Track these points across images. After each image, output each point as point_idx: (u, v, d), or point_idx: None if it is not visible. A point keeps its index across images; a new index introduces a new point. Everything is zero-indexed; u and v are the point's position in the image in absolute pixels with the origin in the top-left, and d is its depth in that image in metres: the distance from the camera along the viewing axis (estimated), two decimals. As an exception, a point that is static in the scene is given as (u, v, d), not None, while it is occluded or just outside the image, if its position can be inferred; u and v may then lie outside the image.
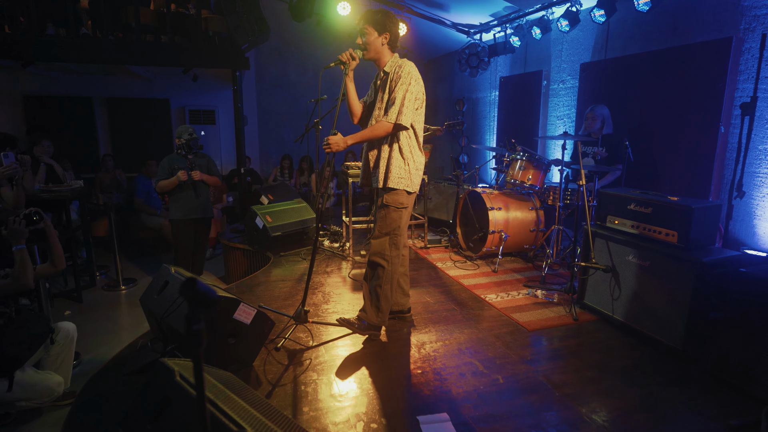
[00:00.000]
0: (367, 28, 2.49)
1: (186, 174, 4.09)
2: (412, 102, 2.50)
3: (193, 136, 4.21)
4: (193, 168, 4.12)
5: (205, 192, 4.32)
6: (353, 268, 4.11)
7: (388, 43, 2.52)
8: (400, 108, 2.46)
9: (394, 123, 2.47)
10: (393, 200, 2.55)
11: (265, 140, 8.88)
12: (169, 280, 2.51)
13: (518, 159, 4.09)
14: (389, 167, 2.55)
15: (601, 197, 3.05)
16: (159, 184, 4.14)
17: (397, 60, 2.56)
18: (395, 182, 2.54)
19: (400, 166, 2.55)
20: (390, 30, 2.50)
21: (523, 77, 6.28)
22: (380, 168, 2.57)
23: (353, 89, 2.63)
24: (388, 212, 2.56)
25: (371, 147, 2.66)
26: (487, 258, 4.35)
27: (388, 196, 2.55)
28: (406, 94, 2.46)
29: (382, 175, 2.57)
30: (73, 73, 7.28)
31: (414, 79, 2.49)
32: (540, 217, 4.21)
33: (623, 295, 2.86)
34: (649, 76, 4.38)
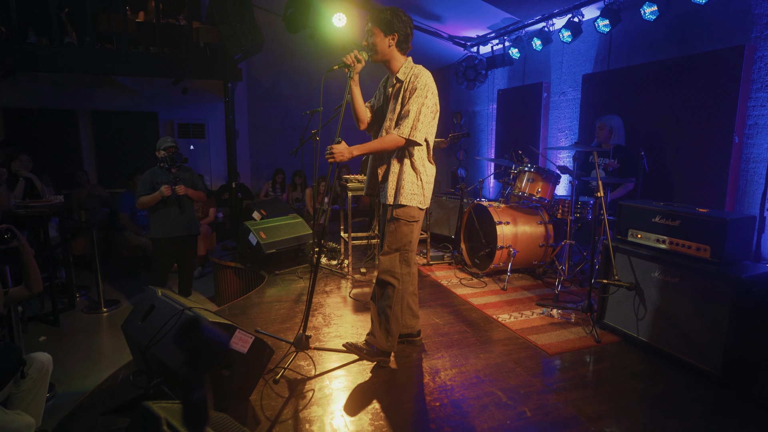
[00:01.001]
0: (374, 29, 2.31)
1: (170, 189, 3.83)
2: (428, 116, 2.31)
3: (176, 148, 3.96)
4: (177, 182, 3.87)
5: (189, 208, 4.08)
6: (354, 287, 3.87)
7: (396, 45, 2.33)
8: (414, 123, 2.27)
9: (407, 138, 2.28)
10: (404, 214, 2.34)
11: (257, 155, 8.65)
12: (156, 303, 2.25)
13: (526, 171, 3.92)
14: (401, 182, 2.34)
15: (622, 210, 2.87)
16: (140, 200, 3.86)
17: (411, 67, 2.36)
18: (408, 199, 2.34)
19: (413, 181, 2.35)
20: (398, 30, 2.30)
21: (521, 90, 6.18)
22: (390, 183, 2.37)
23: (359, 94, 2.43)
24: (399, 226, 2.35)
25: (380, 159, 2.46)
26: (495, 275, 4.14)
27: (399, 209, 2.34)
28: (422, 108, 2.28)
29: (392, 190, 2.36)
30: (58, 86, 7.02)
31: (431, 91, 2.31)
32: (549, 231, 4.02)
33: (649, 314, 2.66)
34: (655, 86, 4.28)
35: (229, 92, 5.65)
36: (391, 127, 2.34)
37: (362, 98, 2.48)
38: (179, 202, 3.94)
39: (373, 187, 2.54)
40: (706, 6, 3.72)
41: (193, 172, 4.17)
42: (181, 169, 4.02)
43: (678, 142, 4.07)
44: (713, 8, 3.78)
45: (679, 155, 4.06)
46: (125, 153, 7.58)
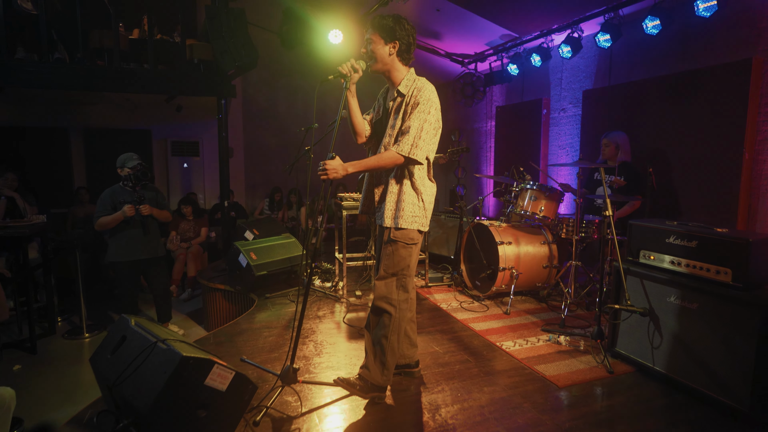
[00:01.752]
0: (373, 36, 2.15)
1: (133, 209, 3.62)
2: (430, 133, 2.14)
3: (141, 165, 3.75)
4: (141, 202, 3.66)
5: (154, 229, 3.86)
6: (348, 311, 3.66)
7: (397, 54, 2.16)
8: (415, 140, 2.09)
9: (407, 156, 2.10)
10: (402, 235, 2.16)
11: (252, 173, 8.51)
12: (128, 335, 2.05)
13: (528, 189, 3.76)
14: (401, 204, 2.16)
15: (633, 229, 2.69)
16: (99, 221, 3.63)
17: (414, 79, 2.20)
18: (409, 222, 2.16)
19: (414, 202, 2.17)
20: (400, 38, 2.13)
21: (520, 106, 6.08)
22: (388, 204, 2.19)
23: (356, 105, 2.26)
24: (396, 249, 2.16)
25: (377, 177, 2.29)
26: (497, 298, 3.94)
27: (398, 231, 2.16)
28: (424, 125, 2.10)
29: (391, 212, 2.18)
30: (49, 103, 6.90)
31: (435, 107, 2.14)
32: (553, 251, 3.84)
33: (666, 343, 2.46)
34: (659, 101, 4.17)
35: (223, 109, 5.53)
36: (390, 144, 2.17)
37: (360, 110, 2.32)
38: (143, 223, 3.73)
39: (368, 205, 2.36)
40: (709, 20, 3.63)
41: (158, 191, 3.99)
42: (145, 187, 3.83)
43: (685, 159, 3.93)
44: (717, 22, 3.69)
45: (687, 172, 3.92)
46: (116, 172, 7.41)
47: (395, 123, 2.18)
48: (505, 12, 4.82)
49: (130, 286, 3.84)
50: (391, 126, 2.20)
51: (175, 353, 1.77)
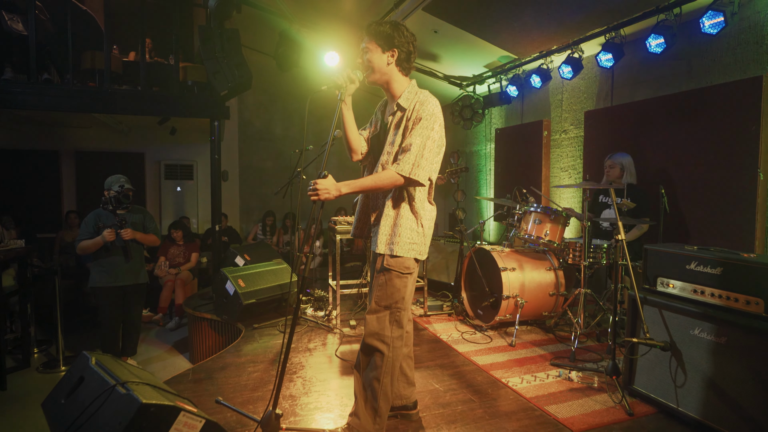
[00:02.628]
0: (369, 44, 1.97)
1: (113, 233, 3.44)
2: (433, 151, 1.94)
3: (125, 188, 3.59)
4: (123, 225, 3.48)
5: (138, 254, 3.69)
6: (341, 343, 3.40)
7: (396, 64, 1.98)
8: (417, 159, 1.87)
9: (407, 177, 1.88)
10: (397, 264, 1.94)
11: (247, 197, 8.34)
12: (86, 375, 1.81)
13: (532, 212, 3.57)
14: (397, 229, 1.95)
15: (649, 255, 2.48)
16: (80, 246, 3.46)
17: (416, 92, 2.00)
18: (405, 249, 1.94)
19: (412, 227, 1.96)
20: (399, 46, 1.95)
21: (520, 128, 5.96)
22: (383, 228, 1.97)
23: (351, 119, 2.07)
24: (390, 279, 1.94)
25: (373, 198, 2.08)
26: (500, 328, 3.69)
27: (392, 259, 1.94)
28: (427, 143, 1.89)
29: (386, 237, 1.96)
30: (40, 126, 6.79)
31: (438, 123, 1.94)
32: (560, 278, 3.62)
33: (691, 381, 2.22)
34: (665, 122, 4.02)
35: (216, 131, 5.38)
36: (388, 162, 1.97)
37: (356, 125, 2.13)
38: (125, 249, 3.54)
39: (362, 228, 2.15)
40: (716, 37, 3.52)
41: (146, 214, 3.81)
42: (132, 210, 3.66)
43: (695, 180, 3.75)
44: (723, 40, 3.58)
45: (697, 194, 3.73)
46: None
47: (395, 139, 1.98)
48: (504, 33, 4.74)
49: (112, 314, 3.60)
50: (390, 143, 2.00)
51: (133, 399, 1.53)
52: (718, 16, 3.27)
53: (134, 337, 3.83)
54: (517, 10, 4.16)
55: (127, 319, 3.74)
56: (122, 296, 3.62)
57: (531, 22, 4.32)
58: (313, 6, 5.45)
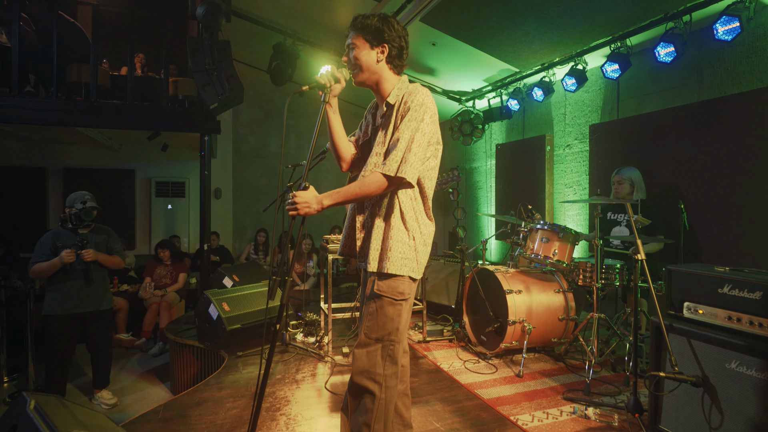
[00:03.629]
0: (355, 40, 1.75)
1: (73, 254, 3.10)
2: (423, 147, 1.70)
3: (88, 205, 3.27)
4: (84, 246, 3.15)
5: (101, 278, 3.36)
6: (332, 373, 3.11)
7: (387, 60, 1.76)
8: (404, 155, 1.65)
9: (394, 176, 1.65)
10: (389, 288, 1.68)
11: (240, 215, 8.10)
12: (20, 423, 1.52)
13: (539, 229, 3.32)
14: (387, 243, 1.70)
15: (673, 276, 2.23)
16: (33, 269, 3.13)
17: (405, 86, 1.79)
18: (397, 265, 1.68)
19: (403, 240, 1.71)
20: (389, 40, 1.74)
21: (522, 143, 5.76)
22: (373, 243, 1.72)
23: (338, 123, 1.84)
24: (381, 306, 1.68)
25: (360, 209, 1.83)
26: (506, 356, 3.40)
27: (383, 281, 1.69)
28: (416, 135, 1.66)
29: (375, 253, 1.71)
30: (28, 142, 6.59)
31: (429, 113, 1.71)
32: (569, 301, 3.35)
33: (729, 422, 1.93)
34: (675, 134, 3.82)
35: (206, 146, 5.18)
36: (378, 164, 1.74)
37: (344, 130, 1.90)
38: (86, 271, 3.20)
39: (350, 244, 1.89)
40: (728, 46, 3.35)
41: (112, 234, 3.51)
42: (95, 230, 3.35)
43: (711, 196, 3.52)
44: (736, 48, 3.40)
45: (715, 210, 3.49)
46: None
47: (384, 139, 1.75)
48: (505, 44, 4.57)
49: (62, 346, 3.23)
50: (379, 143, 1.77)
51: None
52: (733, 21, 3.09)
53: (103, 368, 3.50)
54: (518, 19, 4.00)
55: (92, 349, 3.42)
56: (80, 325, 3.29)
57: (533, 32, 4.15)
58: (308, 19, 5.32)
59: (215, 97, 4.57)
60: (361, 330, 1.71)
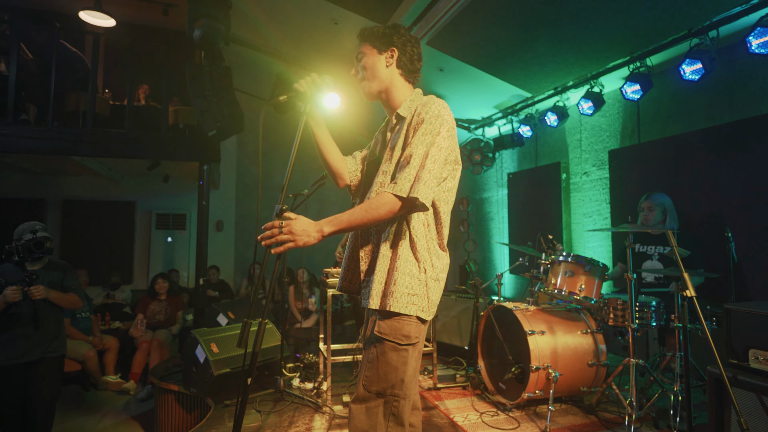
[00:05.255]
0: (363, 48, 1.59)
1: (19, 292, 2.56)
2: (440, 165, 1.44)
3: (38, 236, 2.71)
4: (33, 282, 2.64)
5: (53, 320, 2.82)
6: (330, 427, 2.72)
7: (397, 65, 1.57)
8: (418, 172, 1.39)
9: (407, 197, 1.38)
10: (392, 330, 1.38)
11: (242, 248, 7.83)
12: None
13: (562, 261, 2.98)
14: (392, 275, 1.41)
15: (734, 318, 1.87)
16: None
17: (419, 97, 1.57)
18: (402, 302, 1.39)
19: (412, 273, 1.42)
20: (398, 45, 1.56)
21: (535, 172, 5.48)
22: (377, 275, 1.44)
23: (325, 135, 1.62)
24: (383, 352, 1.38)
25: (363, 237, 1.55)
26: (528, 407, 2.98)
27: (386, 321, 1.39)
28: (431, 150, 1.42)
29: (378, 287, 1.43)
30: (27, 173, 6.47)
31: (447, 126, 1.46)
32: (599, 343, 2.95)
33: (823, 506, 1.53)
34: (706, 158, 3.52)
35: (205, 175, 4.98)
36: (384, 184, 1.48)
37: (333, 143, 1.66)
38: (35, 312, 2.66)
39: (351, 278, 1.59)
40: (760, 62, 3.09)
41: (68, 270, 2.97)
42: (49, 266, 2.85)
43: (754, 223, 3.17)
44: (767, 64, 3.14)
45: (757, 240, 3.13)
46: (95, 246, 6.80)
47: (392, 155, 1.50)
48: (516, 67, 4.38)
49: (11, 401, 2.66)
50: (387, 159, 1.51)
51: None
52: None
53: (41, 425, 2.80)
54: (530, 40, 3.80)
55: (32, 402, 2.75)
56: (24, 375, 2.71)
57: (545, 53, 3.95)
58: (311, 47, 5.22)
59: (214, 123, 4.40)
60: (359, 380, 1.39)
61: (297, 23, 4.93)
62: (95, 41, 4.81)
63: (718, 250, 3.04)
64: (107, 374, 4.96)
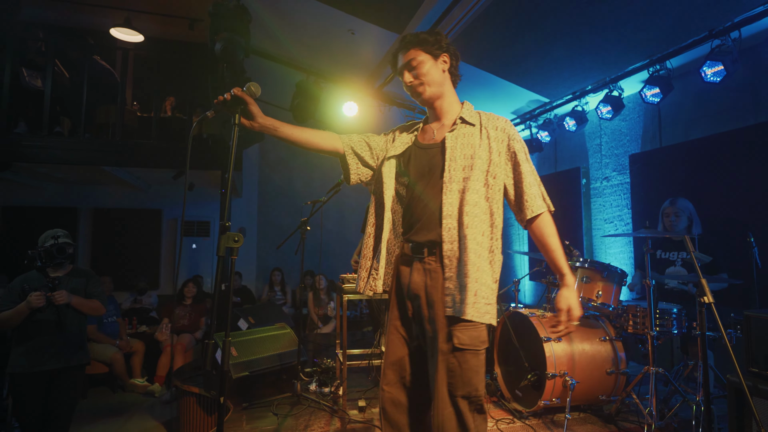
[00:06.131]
0: (417, 56, 1.56)
1: (43, 298, 2.53)
2: None
3: (60, 242, 2.68)
4: (56, 288, 2.60)
5: (76, 326, 2.77)
6: (345, 431, 2.74)
7: (449, 71, 1.61)
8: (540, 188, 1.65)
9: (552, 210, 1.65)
10: (472, 340, 1.44)
11: (264, 254, 7.98)
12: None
13: (578, 267, 2.94)
14: (474, 284, 1.44)
15: (752, 324, 1.82)
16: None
17: (474, 110, 1.64)
18: (481, 312, 1.43)
19: (488, 284, 1.48)
20: (450, 52, 1.60)
21: (554, 177, 5.43)
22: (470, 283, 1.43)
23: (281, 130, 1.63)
24: (465, 360, 1.43)
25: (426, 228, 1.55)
26: (546, 415, 2.94)
27: (464, 332, 1.43)
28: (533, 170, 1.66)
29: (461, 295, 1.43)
30: (60, 183, 6.78)
31: None
32: (618, 351, 2.90)
33: None
34: (729, 161, 3.42)
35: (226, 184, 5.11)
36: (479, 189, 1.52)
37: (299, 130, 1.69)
38: (59, 318, 2.64)
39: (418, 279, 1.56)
40: (787, 61, 3.00)
41: (92, 277, 2.94)
42: (72, 273, 2.81)
43: (781, 229, 3.07)
44: (796, 64, 3.05)
45: (787, 245, 3.03)
46: (124, 252, 7.05)
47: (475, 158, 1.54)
48: (533, 72, 4.36)
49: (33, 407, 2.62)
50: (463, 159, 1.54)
51: None
52: (793, 32, 2.76)
53: None
54: (546, 45, 3.79)
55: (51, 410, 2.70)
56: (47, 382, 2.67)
57: (562, 58, 3.93)
58: (329, 56, 5.32)
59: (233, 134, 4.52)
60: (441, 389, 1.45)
61: (315, 34, 5.04)
62: (124, 56, 5.02)
63: (743, 255, 2.95)
64: (134, 377, 5.12)
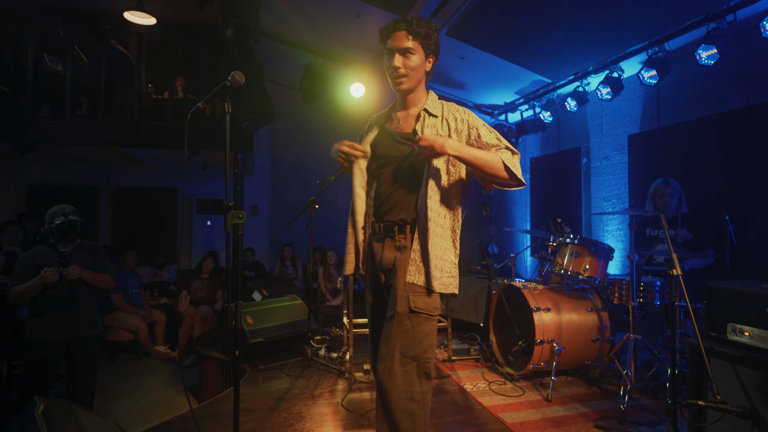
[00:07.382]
0: (414, 45, 1.64)
1: (56, 273, 2.64)
2: None
3: (70, 218, 2.77)
4: (68, 263, 2.71)
5: (88, 299, 2.86)
6: (351, 390, 3.03)
7: (428, 72, 1.76)
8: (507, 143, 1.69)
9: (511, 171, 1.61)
10: (426, 305, 1.61)
11: (276, 231, 8.27)
12: (26, 427, 1.56)
13: (568, 243, 3.14)
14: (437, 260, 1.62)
15: (714, 294, 2.02)
16: (12, 291, 2.67)
17: (439, 101, 1.77)
18: (444, 284, 1.63)
19: (450, 260, 1.67)
20: (436, 55, 1.74)
21: (557, 156, 5.56)
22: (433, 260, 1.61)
23: None
24: (419, 323, 1.60)
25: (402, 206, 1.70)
26: (535, 378, 3.20)
27: (421, 298, 1.60)
28: None
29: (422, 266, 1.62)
30: (82, 162, 7.08)
31: None
32: (604, 320, 3.12)
33: (783, 461, 1.69)
34: (723, 143, 3.55)
35: (239, 163, 5.34)
36: None
37: None
38: (71, 292, 2.75)
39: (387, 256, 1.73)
40: (779, 44, 3.08)
41: (99, 251, 3.03)
42: (80, 248, 2.89)
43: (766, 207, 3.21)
44: (789, 47, 3.13)
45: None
46: (143, 229, 7.39)
47: None
48: (535, 55, 4.46)
49: (41, 374, 2.74)
50: None
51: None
52: (782, 17, 2.85)
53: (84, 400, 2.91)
54: (547, 28, 3.89)
55: (74, 378, 2.89)
56: (64, 353, 2.80)
57: (563, 41, 4.02)
58: (336, 38, 5.44)
59: (246, 116, 4.72)
60: (393, 349, 1.58)
61: (323, 16, 5.15)
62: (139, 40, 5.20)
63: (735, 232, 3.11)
64: (157, 344, 5.51)
